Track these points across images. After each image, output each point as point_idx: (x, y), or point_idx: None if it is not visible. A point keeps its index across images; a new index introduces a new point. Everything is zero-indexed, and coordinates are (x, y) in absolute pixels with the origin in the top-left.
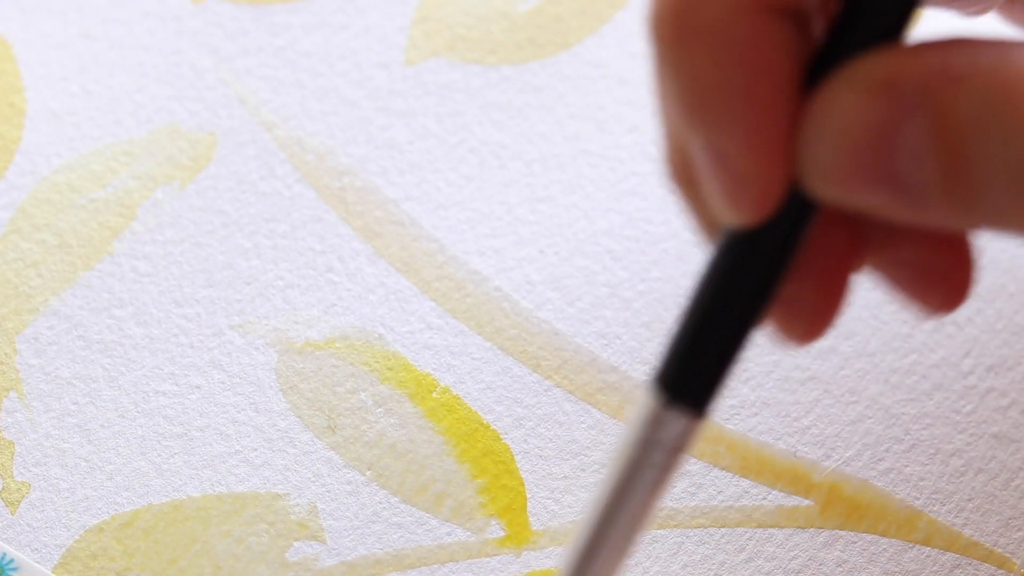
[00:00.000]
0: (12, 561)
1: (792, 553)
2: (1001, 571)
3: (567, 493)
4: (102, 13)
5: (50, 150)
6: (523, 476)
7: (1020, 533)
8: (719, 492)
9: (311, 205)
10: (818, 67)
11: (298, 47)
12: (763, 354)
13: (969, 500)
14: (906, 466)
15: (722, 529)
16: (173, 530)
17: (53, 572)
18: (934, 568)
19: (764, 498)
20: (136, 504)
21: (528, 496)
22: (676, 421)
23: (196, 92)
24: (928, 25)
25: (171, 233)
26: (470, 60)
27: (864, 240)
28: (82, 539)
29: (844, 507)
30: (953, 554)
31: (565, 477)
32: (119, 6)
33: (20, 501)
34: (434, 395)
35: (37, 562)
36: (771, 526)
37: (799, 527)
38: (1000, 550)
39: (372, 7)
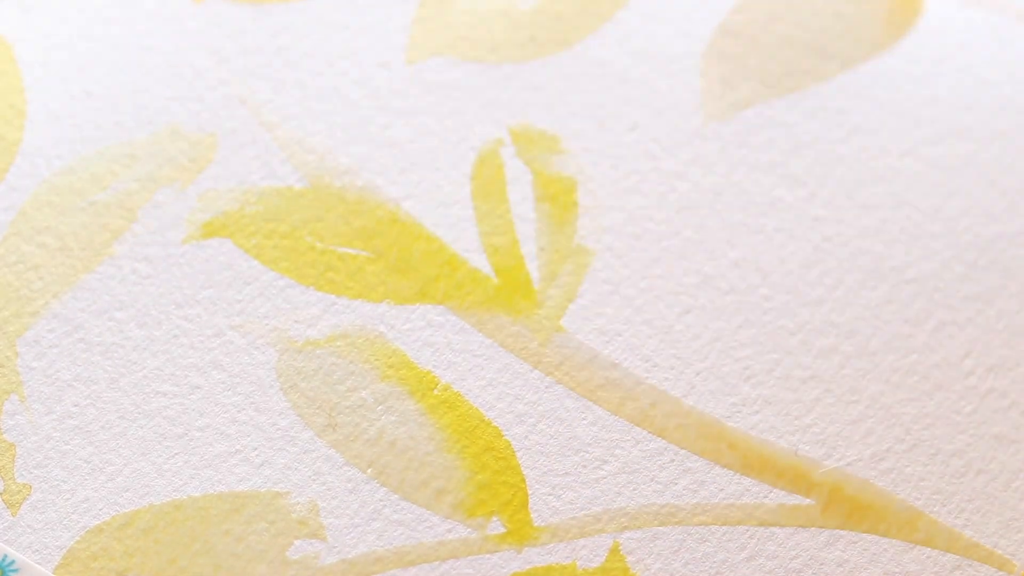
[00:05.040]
0: (13, 563)
1: (793, 552)
2: (1002, 573)
3: (568, 489)
4: (102, 13)
5: (51, 152)
6: (524, 473)
7: (1021, 535)
8: (720, 490)
9: (311, 204)
10: None
11: (298, 47)
12: (764, 352)
13: (970, 501)
14: (907, 466)
15: (724, 527)
16: (173, 530)
17: (54, 573)
18: (935, 569)
19: (766, 496)
20: (137, 504)
21: (529, 493)
22: None
23: (196, 93)
24: (930, 15)
25: (172, 235)
26: (471, 59)
27: None
28: (83, 540)
29: (845, 507)
30: (954, 555)
31: (566, 473)
32: (119, 6)
33: (21, 503)
34: (435, 392)
35: (38, 563)
36: (772, 525)
37: (800, 526)
38: (1000, 551)
39: (372, 6)
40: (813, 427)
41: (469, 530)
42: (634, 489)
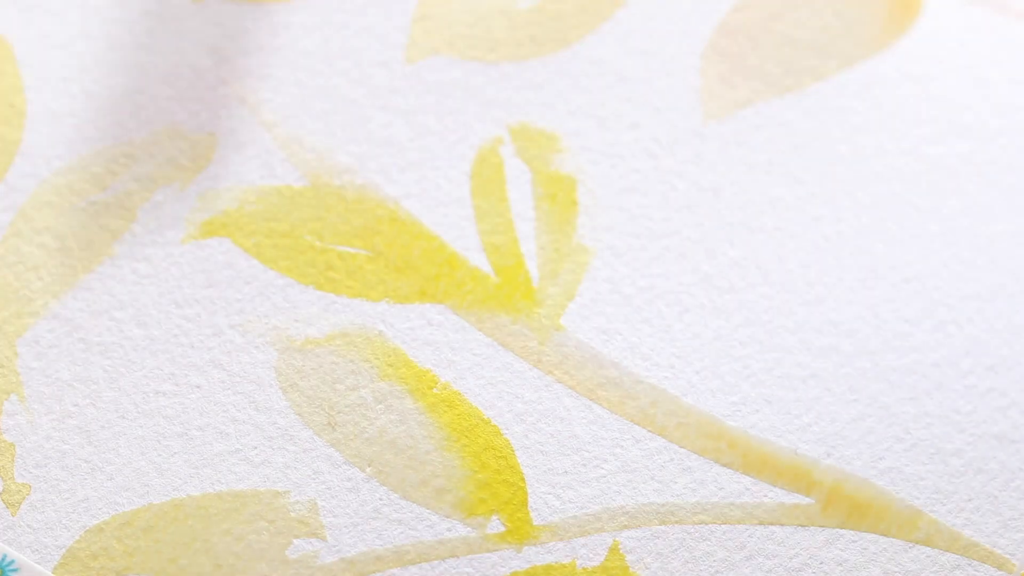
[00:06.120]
0: (13, 562)
1: (793, 551)
2: (1001, 572)
3: (568, 488)
4: (102, 13)
5: (50, 152)
6: (524, 471)
7: (1020, 534)
8: (720, 489)
9: (311, 203)
10: None
11: (298, 46)
12: (764, 351)
13: (969, 500)
14: (906, 465)
15: (723, 526)
16: (173, 529)
17: (53, 572)
18: (934, 568)
19: (765, 495)
20: (136, 504)
21: (529, 491)
22: None
23: (196, 92)
24: (930, 15)
25: (171, 234)
26: (470, 58)
27: None
28: (82, 539)
29: (845, 505)
30: (953, 554)
31: (566, 472)
32: (119, 6)
33: (21, 503)
34: (434, 391)
35: (38, 563)
36: (772, 523)
37: (800, 525)
38: (1000, 551)
39: (372, 5)
40: (813, 426)
41: (469, 529)
42: (634, 488)
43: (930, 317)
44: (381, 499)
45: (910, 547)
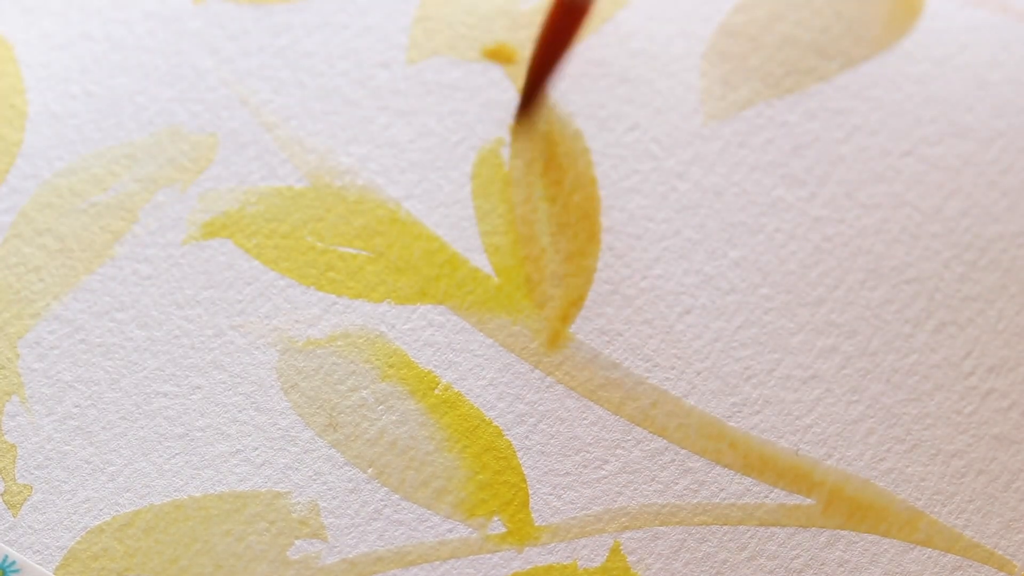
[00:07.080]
0: (14, 563)
1: (794, 552)
2: (1002, 573)
3: (569, 489)
4: (103, 14)
5: (51, 153)
6: (525, 472)
7: (1021, 535)
8: (721, 490)
9: (312, 204)
10: None
11: (299, 47)
12: (765, 352)
13: (970, 501)
14: (907, 466)
15: (724, 527)
16: (174, 530)
17: (55, 573)
18: (935, 569)
19: (766, 496)
20: (137, 504)
21: (530, 492)
22: None
23: (197, 93)
24: (930, 15)
25: (172, 235)
26: (471, 59)
27: None
28: (83, 540)
29: (846, 507)
30: (954, 556)
31: (567, 473)
32: (120, 7)
33: (22, 504)
34: (436, 392)
35: (39, 564)
36: (773, 524)
37: (801, 526)
38: (1001, 552)
39: (373, 6)
40: (814, 427)
41: (470, 530)
42: (635, 489)
43: (931, 318)
44: (382, 500)
45: (911, 548)
